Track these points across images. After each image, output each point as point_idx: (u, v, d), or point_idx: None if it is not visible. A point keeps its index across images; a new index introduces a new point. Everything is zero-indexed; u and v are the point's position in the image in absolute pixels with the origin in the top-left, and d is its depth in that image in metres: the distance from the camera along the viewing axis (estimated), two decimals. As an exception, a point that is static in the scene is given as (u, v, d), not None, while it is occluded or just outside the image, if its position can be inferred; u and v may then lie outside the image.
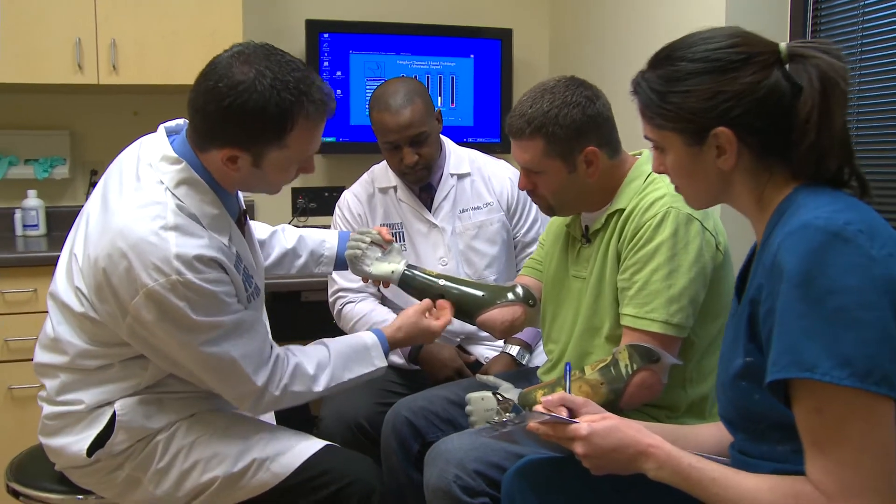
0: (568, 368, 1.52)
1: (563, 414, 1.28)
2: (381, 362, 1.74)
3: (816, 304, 0.97)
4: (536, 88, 1.70)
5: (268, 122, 1.41)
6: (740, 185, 1.17)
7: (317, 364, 1.64)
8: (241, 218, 1.67)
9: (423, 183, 2.32)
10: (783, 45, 1.12)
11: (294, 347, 1.67)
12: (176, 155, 1.49)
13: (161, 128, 1.57)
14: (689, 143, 1.17)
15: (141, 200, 1.46)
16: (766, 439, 1.12)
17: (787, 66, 1.12)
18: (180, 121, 1.59)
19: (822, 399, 0.98)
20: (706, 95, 1.13)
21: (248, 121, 1.40)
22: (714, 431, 1.36)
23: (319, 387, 1.63)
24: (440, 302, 1.86)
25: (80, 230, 1.54)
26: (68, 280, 1.54)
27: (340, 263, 2.00)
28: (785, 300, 1.00)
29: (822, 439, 0.99)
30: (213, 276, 1.44)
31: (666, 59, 1.18)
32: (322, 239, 1.99)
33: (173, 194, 1.46)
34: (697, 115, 1.14)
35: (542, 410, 1.28)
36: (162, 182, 1.47)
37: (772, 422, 1.08)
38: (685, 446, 1.36)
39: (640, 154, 1.78)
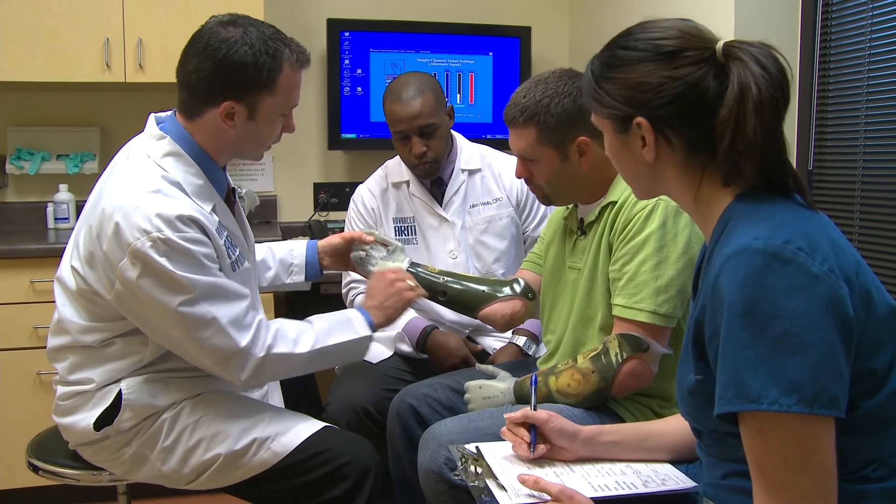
0: (534, 380, 1.54)
1: (526, 438, 1.37)
2: (364, 331, 1.76)
3: (760, 332, 0.97)
4: (532, 79, 1.75)
5: (260, 69, 1.55)
6: (672, 180, 1.17)
7: (298, 329, 1.68)
8: (230, 195, 1.75)
9: (432, 176, 2.37)
10: (720, 44, 1.12)
11: (276, 318, 1.71)
12: (161, 132, 1.61)
13: (151, 116, 1.69)
14: (617, 130, 1.19)
15: (129, 172, 1.58)
16: (725, 444, 1.13)
17: (726, 66, 1.10)
18: (169, 112, 1.69)
19: (765, 423, 0.98)
20: (629, 84, 1.14)
21: (242, 70, 1.55)
22: (685, 424, 1.37)
23: (303, 349, 1.66)
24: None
25: (83, 215, 1.65)
26: (69, 262, 1.64)
27: (312, 272, 2.04)
28: (728, 329, 1.00)
29: (764, 461, 1.00)
30: (192, 236, 1.52)
31: (610, 45, 1.21)
32: (290, 248, 2.05)
33: (159, 165, 1.57)
34: (620, 102, 1.15)
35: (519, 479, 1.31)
36: (149, 156, 1.58)
37: (728, 430, 1.09)
38: (656, 445, 1.40)
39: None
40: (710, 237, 1.15)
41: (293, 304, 3.20)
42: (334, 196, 3.44)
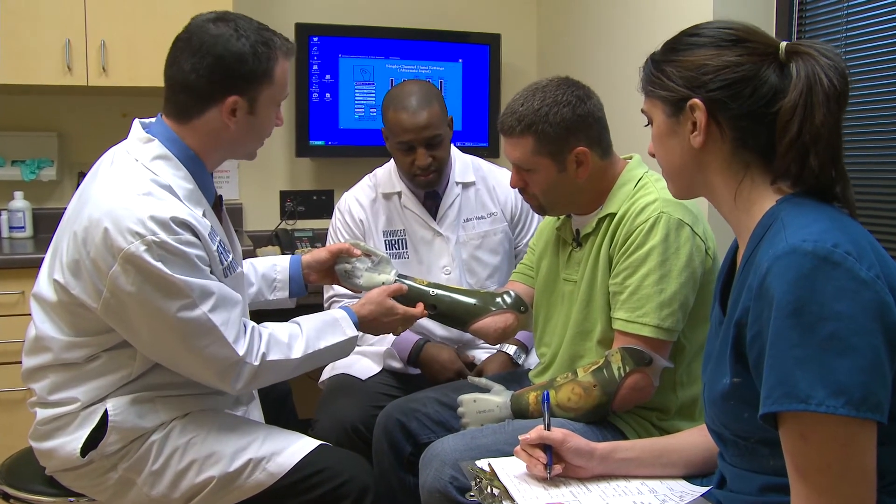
0: (546, 398, 1.51)
1: (542, 459, 1.34)
2: (351, 332, 1.76)
3: (809, 333, 0.96)
4: (529, 87, 1.73)
5: (259, 59, 1.54)
6: (714, 173, 1.17)
7: (289, 334, 1.65)
8: (217, 202, 1.70)
9: (432, 187, 2.31)
10: (783, 44, 1.13)
11: (265, 323, 1.67)
12: (148, 135, 1.56)
13: (136, 121, 1.63)
14: (669, 114, 1.18)
15: (116, 175, 1.52)
16: (756, 454, 1.12)
17: (787, 66, 1.11)
18: (153, 118, 1.63)
19: (809, 425, 0.97)
20: (690, 66, 1.15)
21: (243, 61, 1.53)
22: (700, 439, 1.37)
23: (296, 354, 1.63)
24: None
25: (62, 225, 1.58)
26: (49, 276, 1.56)
27: (296, 288, 1.98)
28: (776, 329, 0.99)
29: (804, 465, 0.99)
30: (186, 239, 1.47)
31: (676, 35, 1.21)
32: (273, 263, 1.99)
33: (148, 168, 1.52)
34: (678, 84, 1.16)
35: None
36: (137, 160, 1.53)
37: (760, 437, 1.08)
38: (671, 461, 1.38)
39: (630, 158, 1.80)
40: (747, 238, 1.14)
41: (270, 316, 3.10)
42: (301, 204, 3.37)
